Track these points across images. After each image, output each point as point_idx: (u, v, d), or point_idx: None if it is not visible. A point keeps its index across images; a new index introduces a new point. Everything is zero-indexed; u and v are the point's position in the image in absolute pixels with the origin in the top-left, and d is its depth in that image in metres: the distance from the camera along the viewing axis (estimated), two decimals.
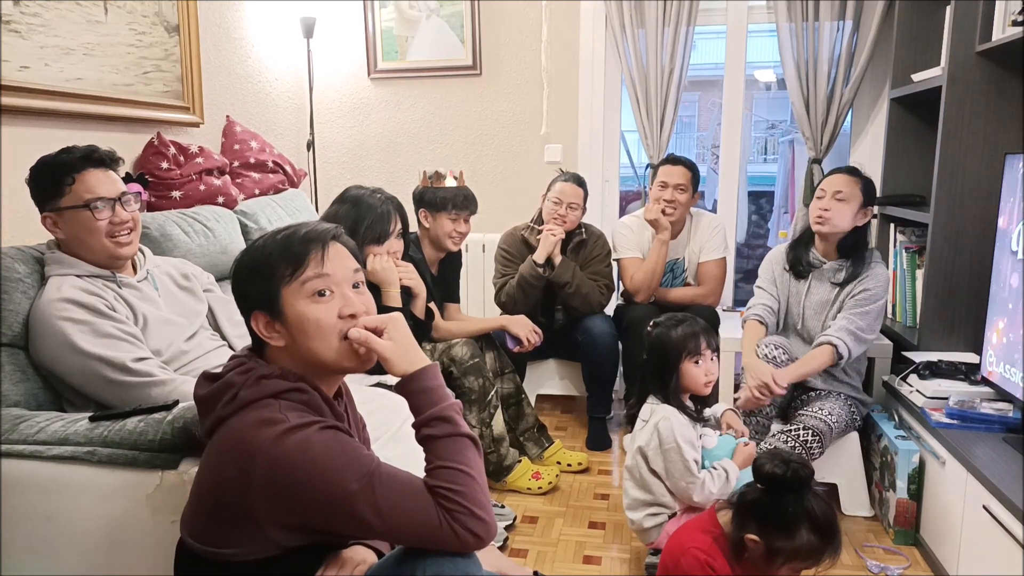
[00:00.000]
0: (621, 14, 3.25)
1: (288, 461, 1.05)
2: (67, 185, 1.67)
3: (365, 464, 1.08)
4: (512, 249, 2.99)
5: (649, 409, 1.99)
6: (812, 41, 3.13)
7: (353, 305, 1.18)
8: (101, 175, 1.71)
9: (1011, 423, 2.01)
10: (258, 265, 1.18)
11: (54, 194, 1.67)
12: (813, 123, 3.19)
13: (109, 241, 1.71)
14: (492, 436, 2.47)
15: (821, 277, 2.38)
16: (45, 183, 1.68)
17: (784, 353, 2.31)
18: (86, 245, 1.70)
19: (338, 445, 1.09)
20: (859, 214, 2.30)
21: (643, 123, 3.33)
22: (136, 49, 2.47)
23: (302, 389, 1.15)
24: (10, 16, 1.99)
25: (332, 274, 1.17)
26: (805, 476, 1.52)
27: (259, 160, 2.94)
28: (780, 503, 1.52)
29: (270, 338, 1.17)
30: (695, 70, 3.45)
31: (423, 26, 3.53)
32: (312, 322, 1.14)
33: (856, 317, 2.24)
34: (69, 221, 1.69)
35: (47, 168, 1.68)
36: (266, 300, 1.16)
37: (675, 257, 3.04)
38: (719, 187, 3.56)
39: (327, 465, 1.06)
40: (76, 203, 1.67)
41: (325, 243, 1.18)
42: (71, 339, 1.59)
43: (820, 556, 1.53)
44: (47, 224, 1.69)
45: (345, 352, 1.17)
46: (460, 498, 1.08)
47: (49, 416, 1.57)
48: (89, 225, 1.68)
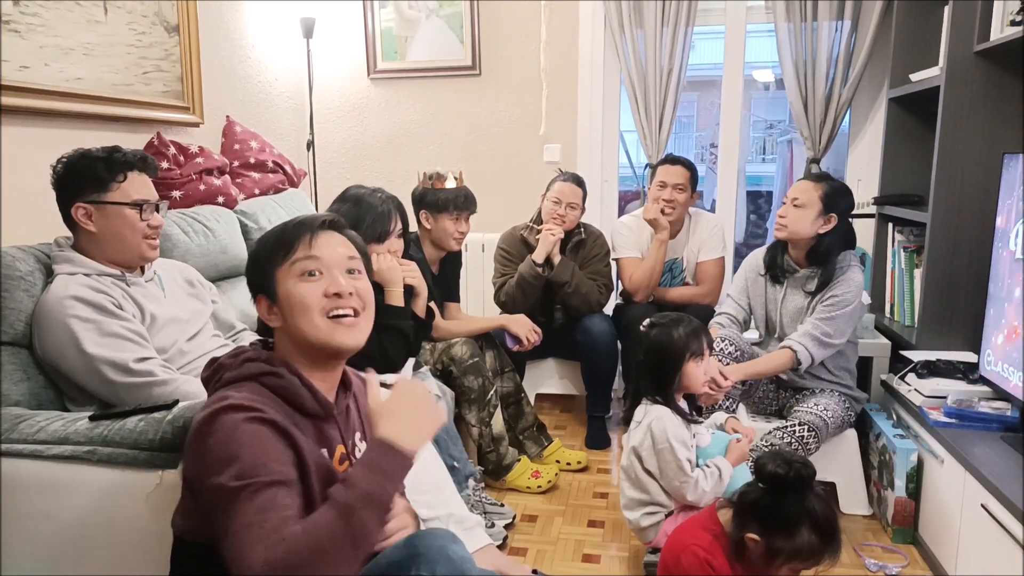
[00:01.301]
0: (620, 14, 3.26)
1: (204, 431, 1.07)
2: (117, 181, 1.71)
3: (260, 472, 1.03)
4: (511, 249, 2.99)
5: (643, 410, 1.99)
6: (810, 41, 3.14)
7: (339, 284, 1.22)
8: (146, 180, 1.78)
9: (1009, 422, 2.01)
10: (261, 252, 1.26)
11: (99, 187, 1.69)
12: (811, 123, 3.19)
13: (144, 242, 1.75)
14: (492, 435, 2.48)
15: (795, 285, 2.39)
16: (90, 174, 1.69)
17: (731, 345, 2.33)
18: (121, 242, 1.73)
19: (252, 440, 1.06)
20: (819, 221, 2.28)
21: (642, 123, 3.34)
22: (136, 49, 2.48)
23: (279, 374, 1.18)
24: (10, 16, 1.99)
25: (321, 256, 1.23)
26: (807, 476, 1.53)
27: (259, 160, 2.95)
28: (781, 503, 1.53)
29: (269, 320, 1.24)
30: (694, 70, 3.45)
31: (422, 26, 3.53)
32: (297, 299, 1.21)
33: (822, 323, 2.25)
34: (110, 216, 1.71)
35: (98, 161, 1.71)
36: (264, 283, 1.24)
37: (674, 257, 3.05)
38: (718, 187, 3.56)
39: (226, 451, 1.05)
40: (124, 200, 1.71)
41: (314, 229, 1.25)
42: (76, 337, 1.60)
43: (820, 556, 1.53)
44: (78, 214, 1.70)
45: (327, 329, 1.21)
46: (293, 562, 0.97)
47: (49, 416, 1.57)
48: (133, 223, 1.73)
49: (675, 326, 1.98)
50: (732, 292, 2.55)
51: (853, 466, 2.37)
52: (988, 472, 1.76)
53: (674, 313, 2.07)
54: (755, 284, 2.49)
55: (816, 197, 2.28)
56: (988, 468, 1.78)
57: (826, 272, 2.30)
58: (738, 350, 2.34)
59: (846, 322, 2.26)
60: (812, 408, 2.25)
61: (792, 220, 2.30)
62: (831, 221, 2.29)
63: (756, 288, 2.49)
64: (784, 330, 2.41)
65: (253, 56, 3.26)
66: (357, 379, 1.39)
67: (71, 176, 1.71)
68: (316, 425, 1.22)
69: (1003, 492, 1.67)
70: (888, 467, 2.24)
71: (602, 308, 2.99)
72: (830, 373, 2.36)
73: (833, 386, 2.36)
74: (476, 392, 2.45)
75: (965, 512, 1.87)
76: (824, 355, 2.27)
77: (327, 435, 1.24)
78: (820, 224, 2.29)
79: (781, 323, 2.42)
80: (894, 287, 2.87)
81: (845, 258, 2.32)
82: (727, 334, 2.37)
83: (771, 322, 2.47)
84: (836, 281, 2.28)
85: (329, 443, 1.23)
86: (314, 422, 1.22)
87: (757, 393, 2.47)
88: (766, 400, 2.48)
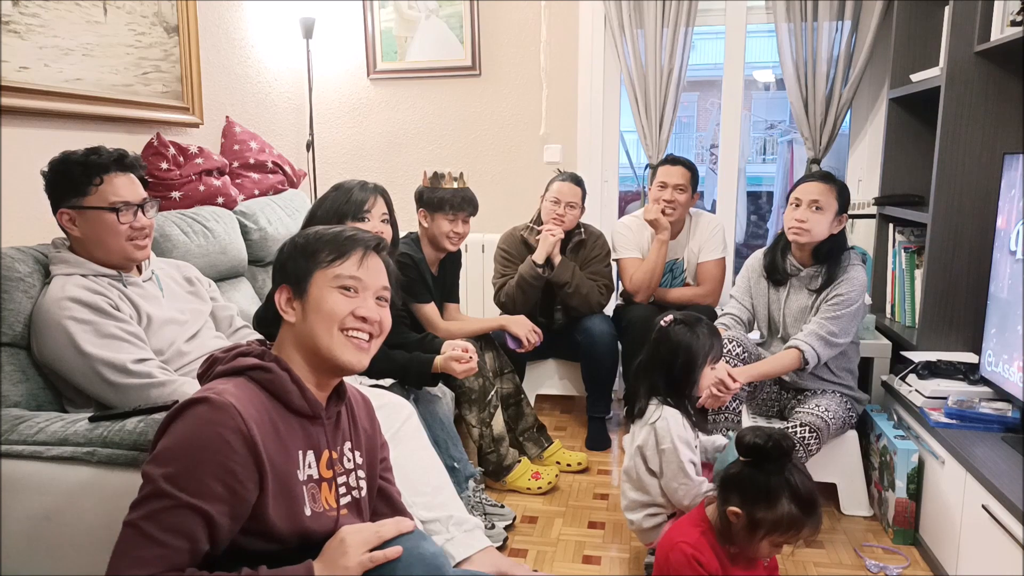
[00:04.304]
0: (620, 15, 3.25)
1: (174, 415, 1.11)
2: (94, 185, 1.68)
3: (188, 487, 1.05)
4: (512, 249, 2.99)
5: (650, 410, 1.95)
6: (811, 41, 3.13)
7: (369, 310, 1.26)
8: (127, 180, 1.74)
9: (1010, 423, 2.01)
10: (307, 245, 1.27)
11: (77, 191, 1.68)
12: (812, 123, 3.19)
13: (128, 244, 1.73)
14: (492, 436, 2.48)
15: (799, 284, 2.38)
16: (69, 179, 1.68)
17: (738, 347, 2.32)
18: (104, 245, 1.71)
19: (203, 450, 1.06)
20: (835, 222, 2.29)
21: (642, 123, 3.33)
22: (135, 50, 2.48)
23: (268, 369, 1.19)
24: (9, 17, 1.99)
25: (363, 279, 1.27)
26: (786, 447, 1.56)
27: (259, 160, 2.94)
28: (761, 474, 1.56)
29: (285, 312, 1.25)
30: (694, 70, 3.45)
31: (422, 26, 3.53)
32: (328, 307, 1.23)
33: (828, 322, 2.24)
34: (90, 220, 1.69)
35: (74, 165, 1.68)
36: (299, 276, 1.25)
37: (674, 257, 3.05)
38: (718, 187, 3.56)
39: (176, 445, 1.08)
40: (101, 204, 1.69)
41: (369, 247, 1.29)
42: (73, 339, 1.59)
43: (800, 527, 1.55)
44: (63, 220, 1.69)
45: (340, 344, 1.23)
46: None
47: (49, 416, 1.57)
48: (112, 227, 1.70)
49: (699, 326, 1.94)
50: (735, 293, 2.55)
51: (854, 467, 2.37)
52: (989, 473, 1.76)
53: (692, 313, 2.02)
54: (757, 284, 2.49)
55: (833, 198, 2.28)
56: (989, 469, 1.78)
57: (832, 269, 2.29)
58: (745, 351, 2.33)
59: (851, 321, 2.26)
60: (813, 409, 2.24)
61: (814, 224, 2.27)
62: (843, 221, 2.31)
63: (759, 288, 2.49)
64: (787, 330, 2.40)
65: (253, 56, 3.26)
66: (358, 394, 1.39)
67: (54, 181, 1.70)
68: (303, 425, 1.22)
69: (1004, 493, 1.67)
70: (889, 468, 2.24)
71: (602, 309, 2.99)
72: (832, 374, 2.35)
73: (835, 387, 2.35)
74: (476, 393, 2.45)
75: (966, 513, 1.87)
76: (830, 354, 2.26)
77: (314, 436, 1.23)
78: (835, 225, 2.29)
79: (784, 323, 2.42)
80: (895, 288, 2.86)
81: (848, 257, 2.32)
82: (734, 335, 2.36)
83: (774, 322, 2.46)
84: (840, 280, 2.28)
85: (316, 445, 1.23)
86: (301, 422, 1.21)
87: (761, 395, 2.47)
88: (768, 402, 2.48)
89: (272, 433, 1.15)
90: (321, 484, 1.22)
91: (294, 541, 1.16)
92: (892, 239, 2.86)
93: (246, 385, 1.16)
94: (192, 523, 1.05)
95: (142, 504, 1.06)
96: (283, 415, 1.18)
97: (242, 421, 1.09)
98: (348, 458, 1.29)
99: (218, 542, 1.08)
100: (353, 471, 1.30)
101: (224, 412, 1.08)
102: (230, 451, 1.07)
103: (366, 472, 1.34)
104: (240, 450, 1.08)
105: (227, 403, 1.09)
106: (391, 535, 1.19)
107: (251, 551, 1.13)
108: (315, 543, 1.17)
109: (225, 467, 1.07)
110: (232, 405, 1.09)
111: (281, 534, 1.14)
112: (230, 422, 1.08)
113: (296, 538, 1.17)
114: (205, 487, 1.05)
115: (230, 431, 1.08)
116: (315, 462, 1.22)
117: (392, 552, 1.16)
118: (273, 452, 1.13)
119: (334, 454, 1.26)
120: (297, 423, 1.21)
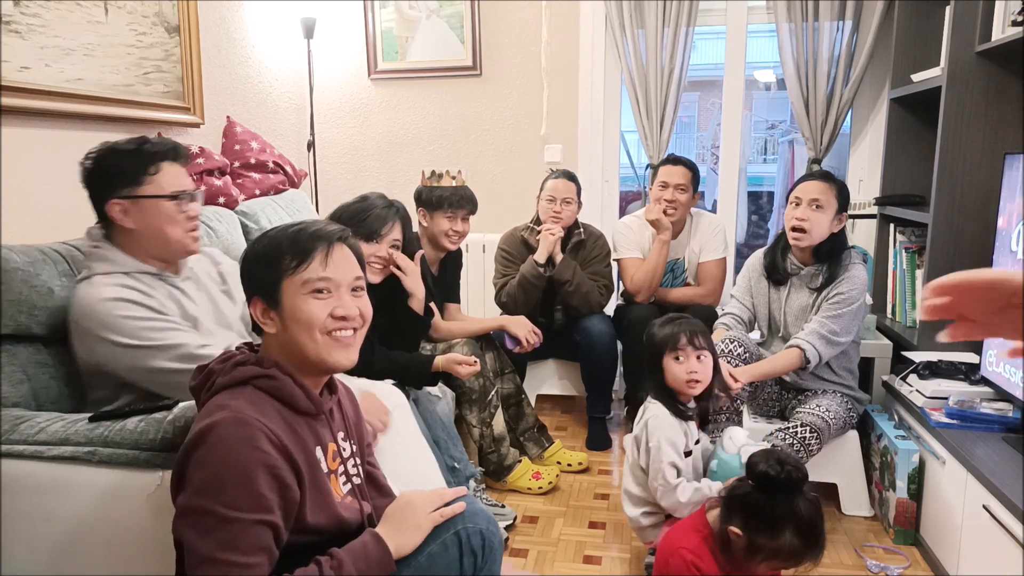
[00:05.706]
0: (621, 15, 3.25)
1: (200, 441, 1.09)
2: (148, 174, 1.64)
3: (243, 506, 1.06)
4: (512, 249, 2.99)
5: (645, 405, 1.99)
6: (812, 41, 3.13)
7: (347, 307, 1.24)
8: (180, 169, 1.71)
9: (1011, 423, 2.01)
10: (267, 253, 1.23)
11: (131, 181, 1.63)
12: (813, 123, 3.19)
13: (187, 235, 1.70)
14: (492, 436, 2.48)
15: (799, 283, 2.38)
16: (120, 169, 1.63)
17: (740, 347, 2.31)
18: (161, 236, 1.67)
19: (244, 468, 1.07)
20: (835, 221, 2.29)
21: (643, 123, 3.33)
22: (136, 50, 2.48)
23: (272, 376, 1.19)
24: (10, 16, 1.99)
25: (333, 276, 1.23)
26: (798, 479, 1.52)
27: (259, 161, 2.94)
28: (768, 502, 1.52)
29: (264, 324, 1.23)
30: (695, 70, 3.45)
31: (423, 26, 3.53)
32: (305, 316, 1.20)
33: (829, 320, 2.24)
34: (146, 210, 1.65)
35: (127, 154, 1.65)
36: (268, 288, 1.22)
37: (675, 257, 3.05)
38: (719, 187, 3.56)
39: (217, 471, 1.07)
40: (159, 193, 1.65)
41: (331, 243, 1.24)
42: (134, 334, 1.56)
43: (800, 559, 1.53)
44: (114, 211, 1.63)
45: (326, 347, 1.22)
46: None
47: (49, 416, 1.57)
48: (172, 216, 1.67)
49: (664, 324, 1.97)
50: (736, 292, 2.54)
51: (855, 467, 2.36)
52: (990, 473, 1.76)
53: (679, 314, 2.04)
54: (758, 284, 2.49)
55: (833, 197, 2.28)
56: (990, 469, 1.78)
57: (833, 268, 2.29)
58: (747, 351, 2.32)
59: (852, 320, 2.26)
60: (814, 409, 2.24)
61: (814, 224, 2.27)
62: (844, 220, 2.31)
63: (759, 288, 2.48)
64: (788, 329, 2.40)
65: (254, 56, 3.26)
66: (342, 385, 1.40)
67: (100, 172, 1.64)
68: (309, 423, 1.24)
69: (1005, 493, 1.66)
70: (890, 468, 2.23)
71: (602, 309, 2.99)
72: (834, 373, 2.35)
73: (836, 387, 2.35)
74: (477, 393, 2.45)
75: (967, 513, 1.87)
76: (831, 353, 2.26)
77: (319, 433, 1.25)
78: (835, 224, 2.29)
79: (785, 323, 2.41)
80: (895, 288, 2.86)
81: (848, 256, 2.32)
82: (735, 335, 2.36)
83: (774, 322, 2.46)
84: (841, 279, 2.28)
85: (322, 440, 1.25)
86: (307, 420, 1.23)
87: (762, 395, 2.47)
88: (769, 402, 2.48)
89: (292, 435, 1.17)
90: (330, 476, 1.25)
91: (332, 531, 1.21)
92: (893, 239, 2.86)
93: (255, 394, 1.17)
94: (265, 537, 1.08)
95: (210, 536, 1.05)
96: (293, 417, 1.20)
97: (268, 430, 1.11)
98: (344, 448, 1.32)
99: (281, 546, 1.12)
100: (350, 459, 1.33)
101: (249, 426, 1.10)
102: (271, 460, 1.10)
103: (359, 459, 1.38)
104: (277, 457, 1.11)
105: (248, 417, 1.10)
106: (452, 496, 1.31)
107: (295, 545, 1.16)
108: (350, 531, 1.23)
109: (273, 475, 1.09)
110: (254, 417, 1.11)
111: (319, 527, 1.19)
112: (259, 434, 1.10)
113: (335, 527, 1.21)
114: (264, 500, 1.08)
115: (263, 441, 1.10)
116: (324, 456, 1.24)
117: (459, 507, 1.28)
118: (298, 452, 1.16)
119: (334, 446, 1.28)
120: (304, 422, 1.22)
